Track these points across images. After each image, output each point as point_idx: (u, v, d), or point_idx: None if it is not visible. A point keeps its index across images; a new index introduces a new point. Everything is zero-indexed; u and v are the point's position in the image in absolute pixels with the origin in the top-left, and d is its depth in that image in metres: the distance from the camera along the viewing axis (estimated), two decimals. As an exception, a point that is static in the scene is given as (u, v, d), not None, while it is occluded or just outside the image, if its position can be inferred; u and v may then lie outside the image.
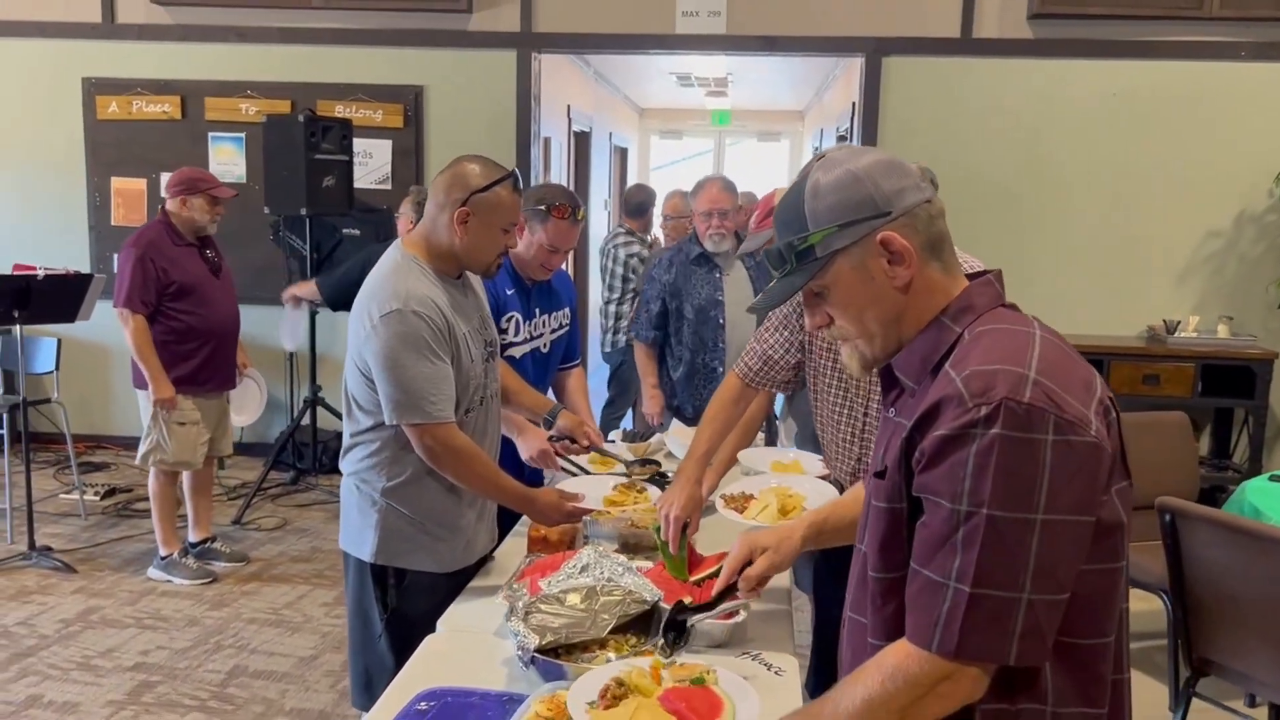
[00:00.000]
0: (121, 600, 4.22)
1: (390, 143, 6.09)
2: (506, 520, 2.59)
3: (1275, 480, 3.28)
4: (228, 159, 6.15)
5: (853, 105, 6.46)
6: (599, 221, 9.83)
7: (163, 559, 4.45)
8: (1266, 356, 5.33)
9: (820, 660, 2.81)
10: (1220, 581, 2.68)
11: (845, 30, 5.77)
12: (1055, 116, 5.71)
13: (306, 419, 5.74)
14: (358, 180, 5.91)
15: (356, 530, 2.33)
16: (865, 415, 2.48)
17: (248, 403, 5.55)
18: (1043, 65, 5.68)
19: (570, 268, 7.72)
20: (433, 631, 2.06)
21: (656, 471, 2.94)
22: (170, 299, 4.23)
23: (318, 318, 5.70)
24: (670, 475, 2.60)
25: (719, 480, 2.73)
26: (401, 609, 2.30)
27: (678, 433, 3.37)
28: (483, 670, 1.85)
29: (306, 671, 3.64)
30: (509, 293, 2.91)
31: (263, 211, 5.73)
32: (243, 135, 6.14)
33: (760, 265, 3.86)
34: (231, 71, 6.11)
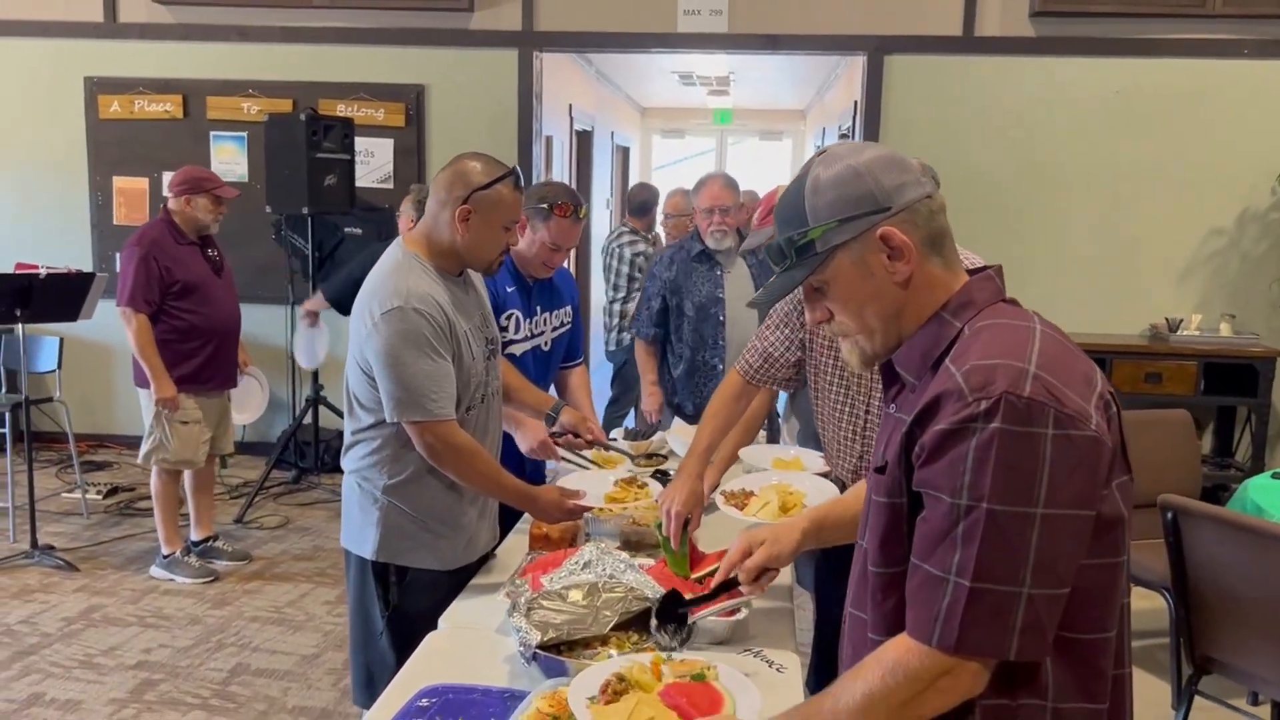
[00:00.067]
0: (124, 599, 4.22)
1: (392, 142, 6.09)
2: (508, 518, 2.59)
3: (1278, 478, 3.27)
4: (229, 158, 6.16)
5: (854, 104, 6.46)
6: (600, 221, 9.83)
7: (165, 557, 4.46)
8: (1269, 354, 5.32)
9: (821, 658, 2.81)
10: (1222, 579, 2.68)
11: (847, 29, 5.77)
12: (1057, 114, 5.70)
13: (308, 418, 5.75)
14: (359, 179, 5.92)
15: (358, 528, 2.33)
16: (866, 413, 2.48)
17: (249, 401, 5.54)
18: (1045, 63, 5.67)
19: (572, 267, 7.73)
20: (434, 629, 2.06)
21: (658, 468, 2.94)
22: (173, 298, 4.24)
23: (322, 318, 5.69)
24: (672, 473, 2.60)
25: (720, 477, 2.73)
26: (403, 606, 2.30)
27: (679, 431, 3.37)
28: (484, 667, 1.84)
29: (308, 670, 3.65)
30: (509, 290, 2.91)
31: (264, 210, 5.74)
32: (244, 134, 6.14)
33: (762, 263, 3.86)
34: (233, 71, 6.11)
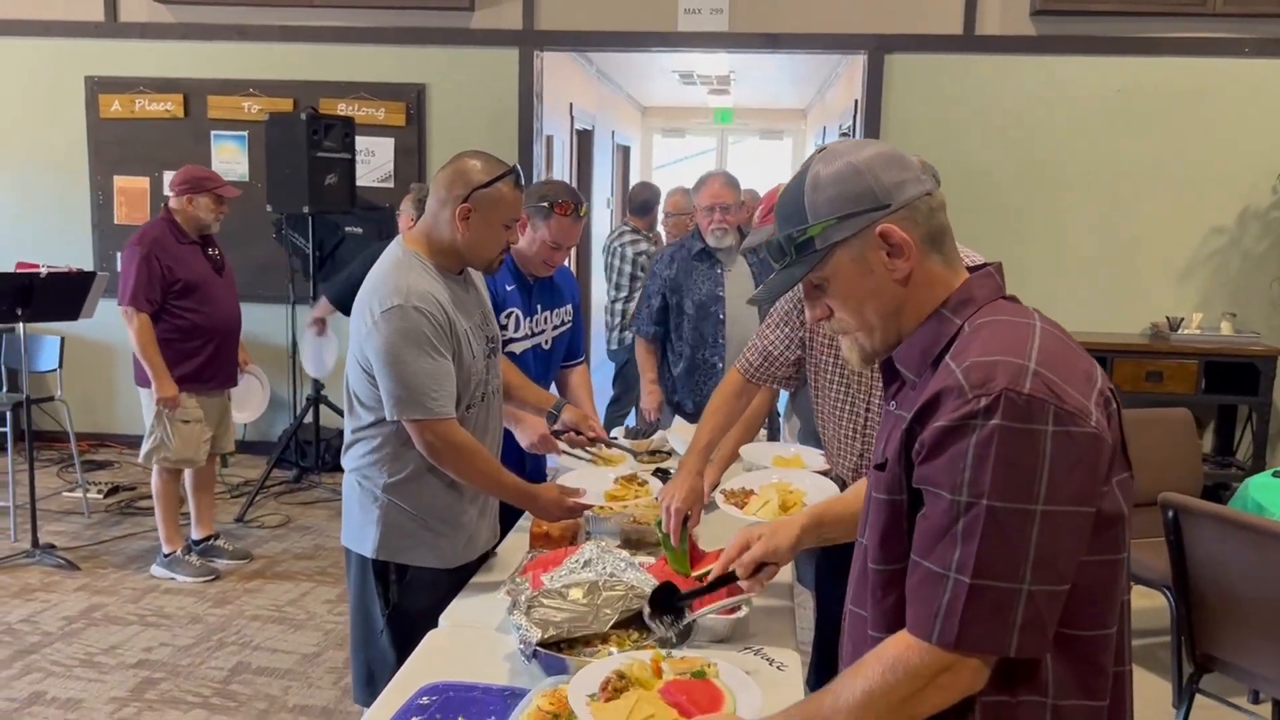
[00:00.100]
0: (124, 597, 4.23)
1: (392, 141, 6.09)
2: (509, 516, 2.59)
3: (1279, 476, 3.27)
4: (230, 157, 6.16)
5: (855, 103, 6.45)
6: (601, 220, 9.83)
7: (166, 556, 4.46)
8: (1270, 353, 5.32)
9: (822, 657, 2.81)
10: (1223, 578, 2.67)
11: (847, 27, 5.77)
12: (1058, 113, 5.70)
13: (309, 417, 5.75)
14: (360, 178, 5.92)
15: (358, 526, 2.33)
16: (867, 411, 2.48)
17: (250, 400, 5.54)
18: (1045, 62, 5.67)
19: (572, 265, 7.72)
20: (434, 627, 2.06)
21: (660, 466, 2.94)
22: (175, 297, 4.24)
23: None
24: (673, 471, 2.60)
25: (721, 475, 2.73)
26: (403, 605, 2.30)
27: (680, 430, 3.37)
28: (485, 665, 1.84)
29: (309, 668, 3.65)
30: (509, 288, 2.90)
31: (265, 210, 5.75)
32: (245, 133, 6.14)
33: (763, 261, 3.86)
34: (234, 70, 6.12)
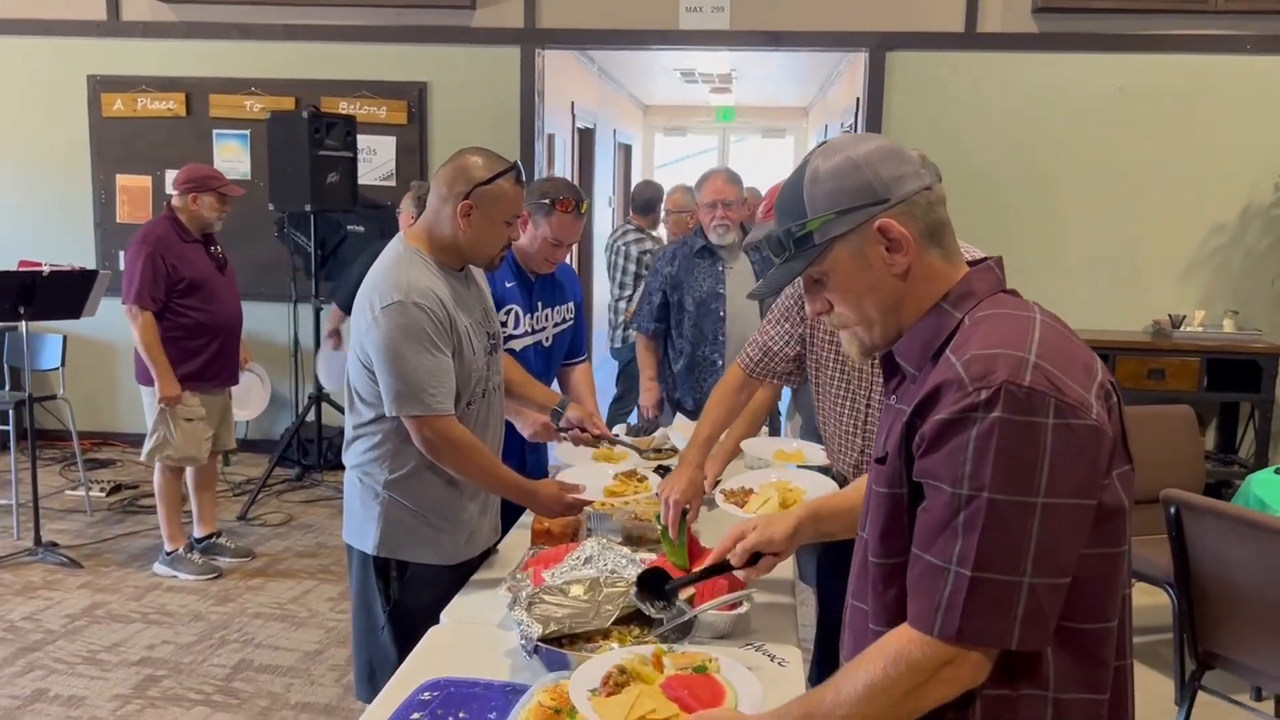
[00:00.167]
0: (127, 595, 4.23)
1: (394, 139, 6.09)
2: (510, 513, 2.59)
3: (1281, 473, 3.27)
4: (232, 156, 6.16)
5: (857, 101, 6.45)
6: (603, 218, 9.83)
7: (168, 554, 4.47)
8: (1272, 350, 5.31)
9: (823, 653, 2.82)
10: (1225, 574, 2.67)
11: (849, 25, 5.76)
12: (1060, 111, 5.69)
13: (311, 415, 5.75)
14: (362, 177, 5.92)
15: (359, 523, 2.33)
16: (867, 407, 2.48)
17: (251, 398, 5.55)
18: (1047, 59, 5.66)
19: (574, 263, 7.72)
20: (436, 624, 2.06)
21: (662, 463, 2.94)
22: (179, 295, 4.24)
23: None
24: (673, 468, 2.60)
25: (722, 468, 2.73)
26: (404, 601, 2.30)
27: (681, 427, 3.37)
28: (486, 661, 1.85)
29: (312, 666, 3.65)
30: (509, 285, 2.91)
31: (267, 208, 5.75)
32: (247, 132, 6.15)
33: (765, 259, 3.86)
34: (236, 68, 6.12)
